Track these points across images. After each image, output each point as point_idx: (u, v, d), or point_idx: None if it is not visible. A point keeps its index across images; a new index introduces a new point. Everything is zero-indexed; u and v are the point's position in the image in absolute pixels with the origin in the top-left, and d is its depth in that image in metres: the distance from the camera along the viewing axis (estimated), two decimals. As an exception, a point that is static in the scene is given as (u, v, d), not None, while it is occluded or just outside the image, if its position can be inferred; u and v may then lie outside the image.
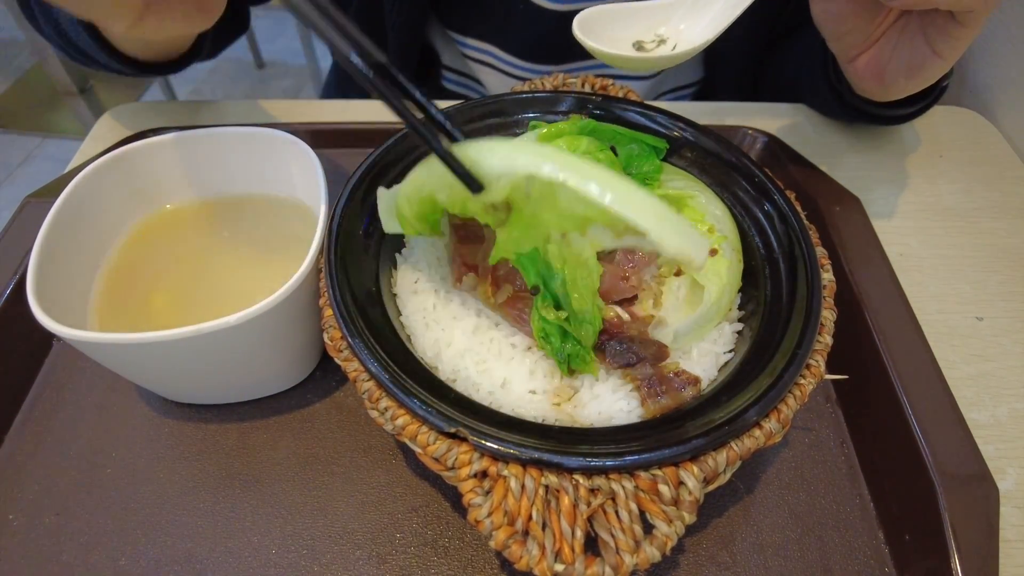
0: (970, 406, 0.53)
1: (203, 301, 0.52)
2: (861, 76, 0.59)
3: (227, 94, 2.65)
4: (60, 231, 0.49)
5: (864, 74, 0.59)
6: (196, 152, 0.56)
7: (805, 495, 0.48)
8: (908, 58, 0.55)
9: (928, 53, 0.53)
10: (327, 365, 0.55)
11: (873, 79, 0.58)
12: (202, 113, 0.78)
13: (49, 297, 0.44)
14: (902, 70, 0.56)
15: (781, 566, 0.45)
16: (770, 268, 0.49)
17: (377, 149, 0.53)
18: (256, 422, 0.52)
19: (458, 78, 0.95)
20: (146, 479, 0.49)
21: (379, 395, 0.40)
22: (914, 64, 0.54)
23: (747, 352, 0.45)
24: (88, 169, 0.52)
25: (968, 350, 0.57)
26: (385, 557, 0.45)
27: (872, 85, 0.59)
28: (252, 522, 0.47)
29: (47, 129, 2.40)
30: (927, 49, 0.53)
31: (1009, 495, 0.48)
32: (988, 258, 0.65)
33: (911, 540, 0.44)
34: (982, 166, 0.74)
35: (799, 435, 0.52)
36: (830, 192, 0.64)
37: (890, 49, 0.56)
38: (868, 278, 0.56)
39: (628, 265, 0.47)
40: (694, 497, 0.36)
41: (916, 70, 0.55)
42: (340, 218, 0.48)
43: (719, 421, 0.38)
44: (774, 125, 0.74)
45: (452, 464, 0.37)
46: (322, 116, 0.77)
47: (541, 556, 0.34)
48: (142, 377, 0.50)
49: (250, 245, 0.56)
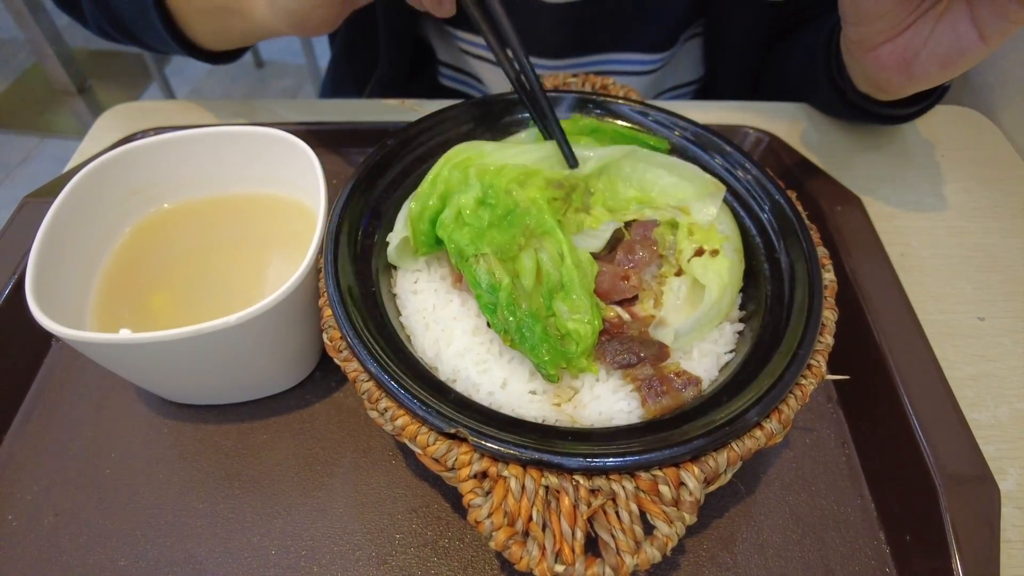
0: (971, 406, 0.53)
1: (202, 301, 0.52)
2: (883, 66, 0.56)
3: (226, 94, 2.65)
4: (59, 231, 0.48)
5: (887, 63, 0.55)
6: (195, 152, 0.56)
7: (806, 495, 0.48)
8: (948, 45, 0.51)
9: (973, 39, 0.49)
10: (327, 365, 0.55)
11: (898, 69, 0.55)
12: (201, 113, 0.78)
13: (48, 297, 0.44)
14: (937, 59, 0.52)
15: (782, 567, 0.45)
16: (771, 268, 0.49)
17: (376, 149, 0.53)
18: (256, 422, 0.52)
19: (455, 74, 0.94)
20: (145, 479, 0.49)
21: (379, 395, 0.40)
22: (954, 52, 0.50)
23: (748, 352, 0.45)
24: (87, 169, 0.51)
25: (969, 350, 0.57)
26: (385, 558, 0.45)
27: (895, 76, 0.55)
28: (252, 523, 0.47)
29: (46, 129, 2.40)
30: (973, 35, 0.49)
31: (1010, 495, 0.48)
32: (990, 258, 0.65)
33: (912, 540, 0.44)
34: (984, 166, 0.74)
35: (800, 435, 0.51)
36: (831, 192, 0.64)
37: (925, 36, 0.52)
38: (869, 278, 0.56)
39: (628, 265, 0.47)
40: (695, 498, 0.36)
41: (955, 59, 0.51)
42: (340, 218, 0.48)
43: (720, 421, 0.38)
44: (774, 125, 0.74)
45: (452, 465, 0.37)
46: (321, 116, 0.77)
47: (541, 557, 0.34)
48: (141, 377, 0.50)
49: (250, 245, 0.56)
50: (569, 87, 0.61)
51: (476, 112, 0.57)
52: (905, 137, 0.77)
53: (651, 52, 0.83)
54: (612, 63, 0.84)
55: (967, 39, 0.49)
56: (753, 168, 0.53)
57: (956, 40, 0.50)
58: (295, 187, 0.57)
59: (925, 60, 0.52)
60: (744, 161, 0.54)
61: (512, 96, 0.59)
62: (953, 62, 0.51)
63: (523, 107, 0.58)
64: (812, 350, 0.42)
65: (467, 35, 0.86)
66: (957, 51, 0.50)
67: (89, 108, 2.22)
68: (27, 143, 2.37)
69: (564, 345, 0.43)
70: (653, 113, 0.57)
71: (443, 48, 0.91)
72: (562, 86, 0.61)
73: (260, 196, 0.58)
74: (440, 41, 0.91)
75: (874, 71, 0.57)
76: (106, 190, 0.53)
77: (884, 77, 0.57)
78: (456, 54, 0.90)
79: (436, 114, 0.56)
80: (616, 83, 0.63)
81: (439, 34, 0.89)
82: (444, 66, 0.93)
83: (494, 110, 0.58)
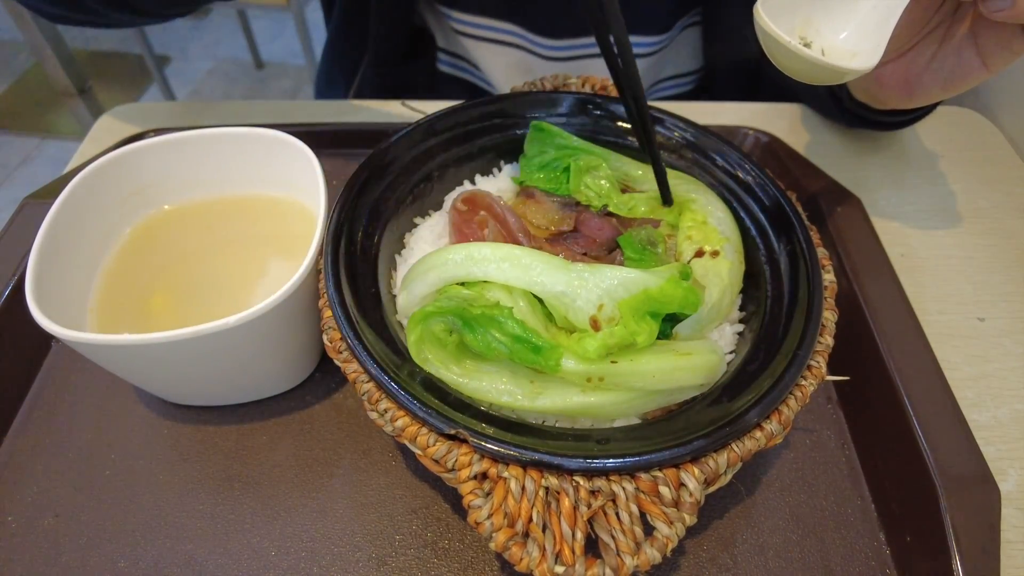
0: (971, 407, 0.53)
1: (202, 302, 0.52)
2: (884, 85, 0.56)
3: (226, 94, 2.65)
4: (59, 232, 0.48)
5: (889, 83, 0.56)
6: (195, 153, 0.56)
7: (806, 496, 0.48)
8: (951, 69, 0.51)
9: (976, 65, 0.49)
10: (327, 366, 0.55)
11: (899, 88, 0.55)
12: (201, 114, 0.78)
13: (48, 298, 0.44)
14: (939, 80, 0.52)
15: (782, 568, 0.45)
16: (771, 269, 0.49)
17: (376, 150, 0.53)
18: (255, 424, 0.52)
19: (453, 60, 0.93)
20: (145, 481, 0.49)
21: (379, 396, 0.40)
22: (956, 75, 0.51)
23: (748, 353, 0.45)
24: (87, 170, 0.51)
25: (969, 351, 0.57)
26: (385, 559, 0.45)
27: (897, 94, 0.56)
28: (251, 524, 0.47)
29: (46, 130, 2.40)
30: (976, 60, 0.49)
31: (1010, 496, 0.48)
32: (990, 259, 0.65)
33: (912, 541, 0.44)
34: (983, 166, 0.74)
35: (800, 436, 0.51)
36: (831, 192, 0.64)
37: (927, 58, 0.52)
38: (869, 279, 0.56)
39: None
40: (695, 498, 0.36)
41: (957, 80, 0.51)
42: (339, 219, 0.48)
43: (720, 422, 0.38)
44: (774, 125, 0.74)
45: (452, 466, 0.37)
46: (321, 117, 0.77)
47: (541, 558, 0.34)
48: (141, 379, 0.50)
49: (249, 246, 0.56)
50: (569, 87, 0.61)
51: (476, 112, 0.57)
52: (905, 138, 0.77)
53: (649, 34, 0.84)
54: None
55: (970, 64, 0.50)
56: (753, 169, 0.53)
57: (959, 64, 0.51)
58: (295, 188, 0.57)
59: (927, 81, 0.53)
60: (744, 162, 0.54)
61: (512, 96, 0.59)
62: (955, 84, 0.52)
63: (525, 106, 0.58)
64: (812, 351, 0.42)
65: (461, 15, 0.84)
66: (959, 74, 0.51)
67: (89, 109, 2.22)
68: (27, 144, 2.37)
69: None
70: (653, 114, 0.57)
71: (441, 33, 0.91)
72: (562, 86, 0.61)
73: (260, 197, 0.58)
74: (438, 25, 0.90)
75: (875, 88, 0.58)
76: (106, 191, 0.53)
77: (885, 93, 0.57)
78: (452, 38, 0.89)
79: (436, 115, 0.56)
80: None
81: (436, 18, 0.89)
82: (442, 52, 0.93)
83: (495, 111, 0.58)
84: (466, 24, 0.85)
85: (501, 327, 0.39)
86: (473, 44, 0.87)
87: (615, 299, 0.41)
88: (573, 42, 0.84)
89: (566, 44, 0.84)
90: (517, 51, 0.86)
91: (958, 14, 0.50)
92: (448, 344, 0.42)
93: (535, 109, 0.58)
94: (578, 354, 0.39)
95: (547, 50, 0.84)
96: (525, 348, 0.39)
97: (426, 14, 0.89)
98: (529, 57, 0.86)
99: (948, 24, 0.51)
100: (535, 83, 0.62)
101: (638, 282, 0.41)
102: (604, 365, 0.40)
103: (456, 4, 0.84)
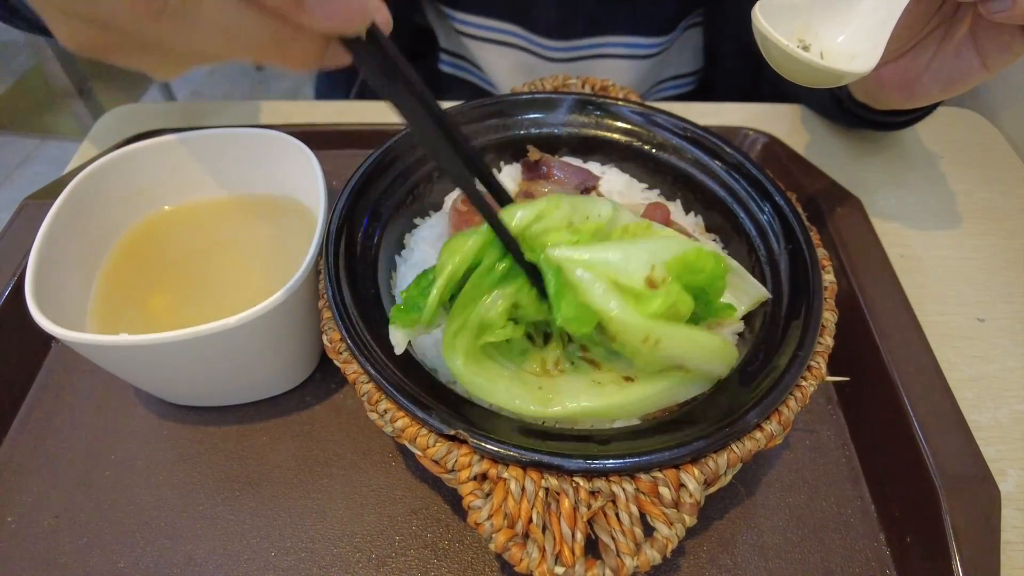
0: (971, 408, 0.53)
1: (202, 303, 0.52)
2: (884, 86, 0.56)
3: (226, 95, 2.65)
4: (59, 233, 0.48)
5: (889, 84, 0.55)
6: (195, 153, 0.56)
7: (806, 497, 0.48)
8: (950, 69, 0.51)
9: (976, 65, 0.49)
10: (326, 367, 0.55)
11: (899, 89, 0.55)
12: (201, 114, 0.78)
13: (48, 299, 0.44)
14: (939, 81, 0.52)
15: (782, 568, 0.45)
16: (771, 270, 0.49)
17: (376, 150, 0.53)
18: (255, 424, 0.52)
19: (454, 61, 0.93)
20: (145, 481, 0.49)
21: (379, 397, 0.40)
22: (956, 75, 0.51)
23: (748, 354, 0.45)
24: (87, 171, 0.51)
25: (969, 351, 0.57)
26: (384, 560, 0.45)
27: (896, 95, 0.56)
28: (251, 525, 0.47)
29: (46, 130, 2.39)
30: (976, 61, 0.49)
31: (1010, 497, 0.48)
32: (989, 259, 0.65)
33: (912, 542, 0.44)
34: (983, 167, 0.74)
35: (800, 437, 0.51)
36: (831, 193, 0.64)
37: (926, 59, 0.52)
38: (869, 279, 0.56)
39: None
40: (695, 499, 0.36)
41: (957, 81, 0.51)
42: (339, 219, 0.48)
43: (720, 423, 0.38)
44: (774, 125, 0.74)
45: (452, 466, 0.37)
46: (321, 117, 0.77)
47: (541, 559, 0.34)
48: (141, 379, 0.50)
49: (249, 246, 0.56)
50: (569, 88, 0.61)
51: (476, 113, 0.57)
52: (905, 139, 0.77)
53: (651, 35, 0.84)
54: (612, 45, 0.84)
55: (969, 65, 0.50)
56: (753, 170, 0.53)
57: (959, 65, 0.50)
58: (295, 188, 0.57)
59: (927, 81, 0.53)
60: (744, 163, 0.54)
61: (512, 97, 0.59)
62: (955, 85, 0.52)
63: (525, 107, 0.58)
64: (812, 352, 0.42)
65: (463, 15, 0.84)
66: (959, 75, 0.51)
67: (89, 110, 2.22)
68: (27, 145, 2.37)
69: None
70: (653, 114, 0.57)
71: (443, 33, 0.91)
72: (562, 87, 0.61)
73: (260, 197, 0.58)
74: (440, 25, 0.90)
75: (875, 89, 0.58)
76: (106, 192, 0.53)
77: (885, 94, 0.57)
78: (454, 38, 0.89)
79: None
80: (616, 85, 0.63)
81: (438, 18, 0.88)
82: (444, 52, 0.93)
83: (495, 111, 0.58)
84: (468, 24, 0.85)
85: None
86: (475, 44, 0.87)
87: (662, 260, 0.40)
88: (575, 43, 0.84)
89: (568, 45, 0.84)
90: (519, 52, 0.86)
91: (957, 15, 0.50)
92: (474, 348, 0.41)
93: (535, 110, 0.58)
94: (643, 312, 0.38)
95: (549, 51, 0.84)
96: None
97: (428, 14, 0.89)
98: (531, 58, 0.86)
99: (948, 25, 0.51)
100: (535, 83, 0.62)
101: (675, 247, 0.40)
102: (663, 325, 0.38)
103: (458, 4, 0.84)
